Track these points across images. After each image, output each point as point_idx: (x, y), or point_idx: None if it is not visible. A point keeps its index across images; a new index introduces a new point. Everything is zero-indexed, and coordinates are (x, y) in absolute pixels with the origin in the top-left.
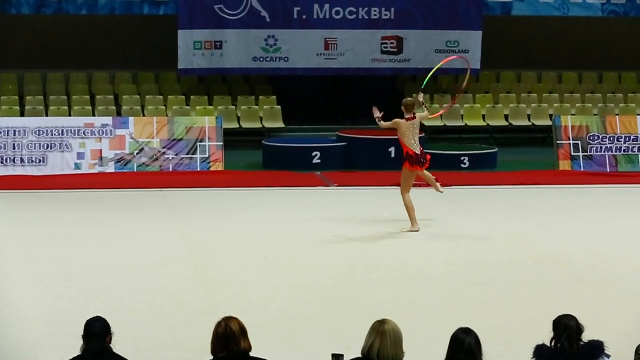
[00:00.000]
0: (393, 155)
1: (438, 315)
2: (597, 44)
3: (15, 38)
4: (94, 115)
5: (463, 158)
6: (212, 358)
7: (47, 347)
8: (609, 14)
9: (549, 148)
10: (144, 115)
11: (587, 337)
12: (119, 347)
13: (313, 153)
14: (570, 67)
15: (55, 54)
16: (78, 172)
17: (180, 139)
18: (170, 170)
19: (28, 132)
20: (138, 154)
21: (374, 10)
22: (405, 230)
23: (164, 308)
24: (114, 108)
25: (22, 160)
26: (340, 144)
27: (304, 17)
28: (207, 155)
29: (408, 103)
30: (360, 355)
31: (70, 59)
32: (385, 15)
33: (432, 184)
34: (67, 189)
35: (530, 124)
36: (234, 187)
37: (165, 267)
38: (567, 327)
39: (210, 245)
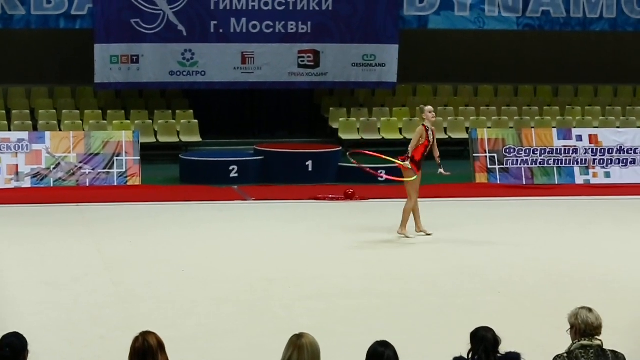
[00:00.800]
0: (310, 169)
1: (356, 329)
2: (512, 58)
3: None
4: (10, 130)
5: (380, 171)
6: None
7: None
8: (525, 28)
9: (466, 161)
10: (61, 130)
11: (504, 349)
12: None
13: (230, 167)
14: (487, 80)
15: None
16: None
17: (97, 154)
18: (87, 185)
19: None
20: (55, 169)
21: (291, 25)
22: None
23: (81, 323)
24: (30, 123)
25: None
26: (258, 158)
27: (221, 31)
28: (124, 170)
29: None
30: None
31: None
32: (302, 30)
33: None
34: None
35: (447, 137)
36: (152, 201)
37: (82, 282)
38: (484, 339)
39: (128, 260)
